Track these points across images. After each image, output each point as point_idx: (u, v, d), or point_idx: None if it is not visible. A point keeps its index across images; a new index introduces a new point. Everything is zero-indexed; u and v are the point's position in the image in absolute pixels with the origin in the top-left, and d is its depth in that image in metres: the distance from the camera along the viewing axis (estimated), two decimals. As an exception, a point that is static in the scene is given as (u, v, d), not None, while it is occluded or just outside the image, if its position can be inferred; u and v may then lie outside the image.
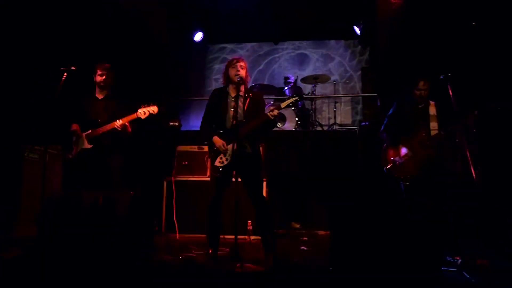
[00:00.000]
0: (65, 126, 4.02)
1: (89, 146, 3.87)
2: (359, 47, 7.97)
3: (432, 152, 3.64)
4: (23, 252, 3.16)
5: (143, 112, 3.80)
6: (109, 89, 4.08)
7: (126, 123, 3.85)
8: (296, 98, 3.44)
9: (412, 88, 3.83)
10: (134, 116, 3.82)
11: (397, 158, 3.79)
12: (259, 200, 3.37)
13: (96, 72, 4.00)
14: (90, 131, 3.90)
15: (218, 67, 8.39)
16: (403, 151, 3.77)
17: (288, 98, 3.38)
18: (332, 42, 8.13)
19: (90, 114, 3.96)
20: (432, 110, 3.78)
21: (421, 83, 3.78)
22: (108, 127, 3.84)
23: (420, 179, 3.66)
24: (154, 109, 3.82)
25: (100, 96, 4.05)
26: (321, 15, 7.12)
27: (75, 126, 3.95)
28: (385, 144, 3.96)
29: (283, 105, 3.32)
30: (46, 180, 3.74)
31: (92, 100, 4.04)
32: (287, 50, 8.27)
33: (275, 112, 3.23)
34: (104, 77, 3.97)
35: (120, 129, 3.82)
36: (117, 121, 3.81)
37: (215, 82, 8.28)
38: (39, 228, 2.94)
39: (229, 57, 7.98)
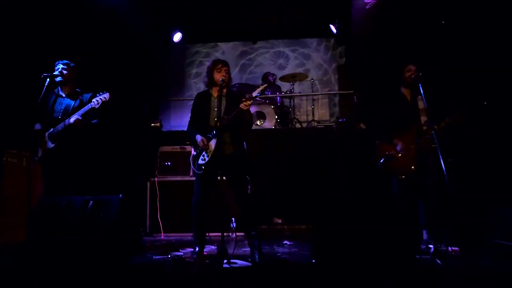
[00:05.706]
0: (29, 128, 3.88)
1: (51, 146, 3.74)
2: (336, 45, 8.14)
3: (425, 147, 3.58)
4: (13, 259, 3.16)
5: (97, 101, 3.67)
6: (72, 85, 3.94)
7: (79, 117, 3.67)
8: (265, 85, 3.81)
9: (399, 74, 3.87)
10: (89, 107, 3.68)
11: (391, 154, 3.75)
12: (244, 198, 3.49)
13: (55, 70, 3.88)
14: (51, 129, 3.77)
15: (198, 66, 8.42)
16: (397, 147, 3.75)
17: (258, 87, 3.49)
18: (309, 40, 8.28)
19: (53, 113, 3.84)
20: (421, 104, 3.72)
21: (409, 65, 3.84)
22: (67, 124, 3.70)
23: (415, 174, 3.64)
24: (105, 96, 3.69)
25: (64, 93, 3.93)
26: (298, 14, 7.24)
27: (37, 127, 3.83)
28: (377, 141, 3.90)
29: (254, 93, 3.44)
30: (30, 185, 3.70)
31: (56, 98, 3.90)
32: (265, 49, 8.38)
33: (248, 102, 3.34)
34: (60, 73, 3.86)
35: (78, 125, 3.68)
36: (72, 117, 3.68)
37: (195, 82, 8.32)
38: (29, 233, 2.95)
39: (209, 57, 8.21)
